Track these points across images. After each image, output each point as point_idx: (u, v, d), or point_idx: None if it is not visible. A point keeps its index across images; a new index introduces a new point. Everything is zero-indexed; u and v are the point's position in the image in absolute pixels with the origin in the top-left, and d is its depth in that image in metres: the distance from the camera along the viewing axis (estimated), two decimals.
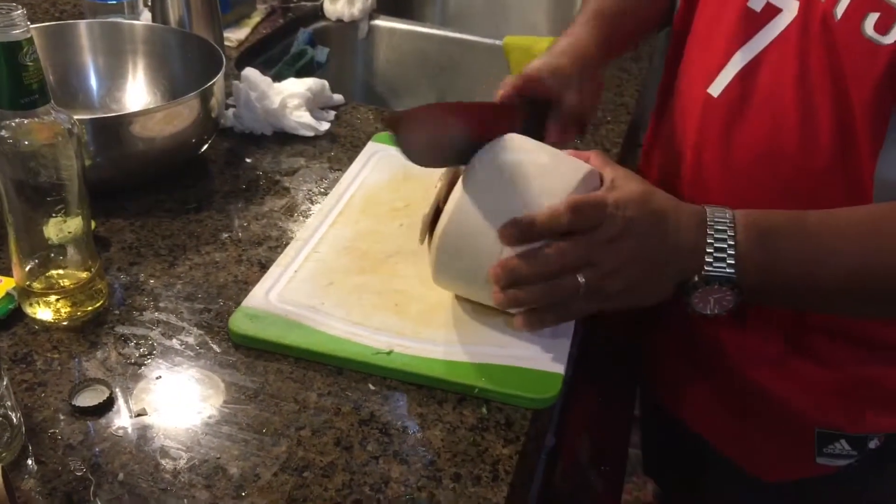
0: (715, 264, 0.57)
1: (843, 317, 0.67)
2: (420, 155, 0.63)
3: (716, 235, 0.58)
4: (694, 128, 0.71)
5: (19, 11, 0.55)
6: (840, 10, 0.58)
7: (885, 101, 0.57)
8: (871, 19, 0.57)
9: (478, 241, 0.61)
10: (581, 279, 0.58)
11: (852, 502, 0.78)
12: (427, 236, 0.65)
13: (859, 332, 0.69)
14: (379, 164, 0.88)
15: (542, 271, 0.59)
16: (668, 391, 0.85)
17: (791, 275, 0.58)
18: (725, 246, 0.57)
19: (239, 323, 0.64)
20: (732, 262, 0.57)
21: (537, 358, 0.63)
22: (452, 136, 0.64)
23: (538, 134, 0.73)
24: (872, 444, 0.72)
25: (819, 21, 0.60)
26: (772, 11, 0.65)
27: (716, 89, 0.68)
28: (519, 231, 0.59)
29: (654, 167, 0.83)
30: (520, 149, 0.63)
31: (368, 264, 0.72)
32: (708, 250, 0.58)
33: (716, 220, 0.58)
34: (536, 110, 0.74)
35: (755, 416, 0.76)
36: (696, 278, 0.58)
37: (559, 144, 0.74)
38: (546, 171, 0.62)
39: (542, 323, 0.62)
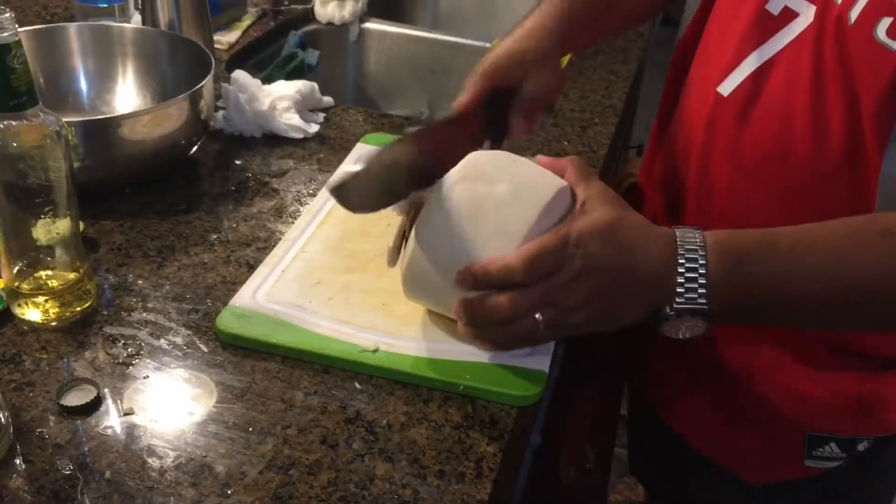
0: (686, 295, 0.56)
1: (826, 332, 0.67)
2: (371, 203, 0.63)
3: (687, 265, 0.56)
4: (702, 126, 0.71)
5: (7, 14, 0.56)
6: (854, 14, 0.59)
7: (892, 104, 0.58)
8: (884, 24, 0.57)
9: (441, 278, 0.60)
10: (539, 317, 0.57)
11: (838, 502, 0.79)
12: (401, 257, 0.65)
13: (849, 345, 0.69)
14: None
15: (495, 318, 0.58)
16: (658, 396, 0.85)
17: (764, 297, 0.57)
18: (696, 276, 0.56)
19: (226, 322, 0.65)
20: (704, 291, 0.56)
21: (522, 356, 0.63)
22: (408, 175, 0.63)
23: (503, 126, 0.72)
24: (861, 447, 0.73)
25: (834, 24, 0.60)
26: (789, 15, 0.65)
27: (726, 88, 0.68)
28: (473, 280, 0.58)
29: (659, 166, 0.83)
30: (479, 177, 0.61)
31: (356, 264, 0.73)
32: (679, 280, 0.56)
33: (686, 246, 0.56)
34: (498, 101, 0.72)
35: (744, 420, 0.76)
36: (668, 310, 0.57)
37: (525, 135, 0.74)
38: (504, 206, 0.60)
39: (505, 349, 0.62)
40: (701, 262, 0.56)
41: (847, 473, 0.74)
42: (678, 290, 0.56)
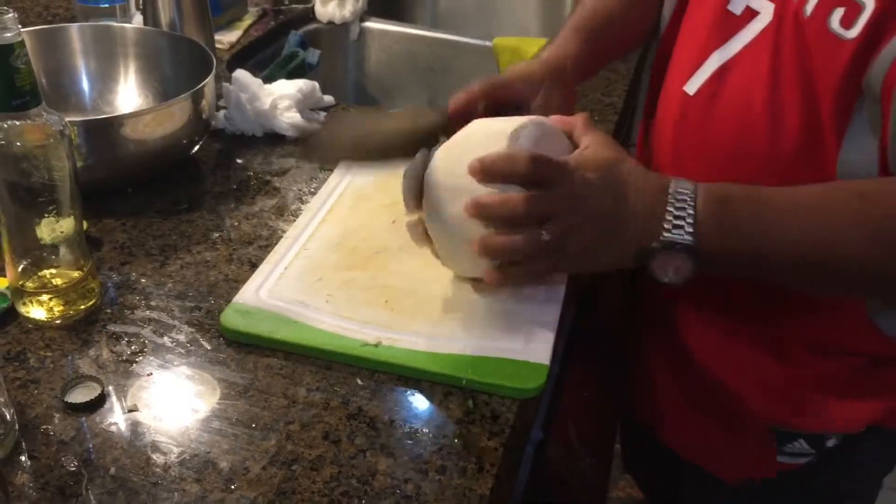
0: (674, 231, 0.59)
1: (801, 290, 0.68)
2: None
3: (676, 205, 0.59)
4: (671, 125, 0.73)
5: (10, 15, 0.56)
6: (810, 7, 0.61)
7: (849, 92, 0.59)
8: (837, 14, 0.59)
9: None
10: (545, 235, 0.60)
11: (818, 499, 0.80)
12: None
13: (825, 343, 0.71)
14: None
15: (508, 213, 0.61)
16: (634, 394, 0.86)
17: (747, 240, 0.59)
18: (685, 214, 0.59)
19: (230, 319, 0.65)
20: (691, 228, 0.58)
21: (523, 350, 0.64)
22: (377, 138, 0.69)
23: None
24: (830, 443, 0.74)
25: (792, 19, 0.62)
26: (750, 14, 0.67)
27: (692, 87, 0.71)
28: (482, 174, 0.61)
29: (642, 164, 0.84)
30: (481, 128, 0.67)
31: (358, 260, 0.73)
32: (667, 217, 0.59)
33: (678, 189, 0.60)
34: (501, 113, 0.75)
35: (714, 415, 0.77)
36: (655, 244, 0.59)
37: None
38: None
39: (510, 278, 0.64)
40: (690, 201, 0.59)
41: (821, 471, 0.76)
42: (665, 224, 0.59)
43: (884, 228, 0.57)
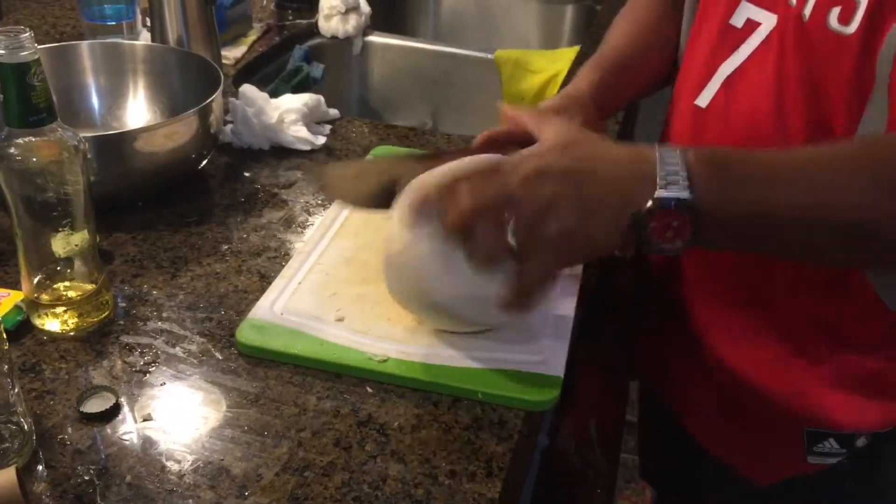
0: (669, 188, 0.53)
1: (801, 261, 0.66)
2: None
3: (667, 164, 0.54)
4: (688, 140, 0.74)
5: (27, 34, 0.58)
6: (808, 10, 0.62)
7: (859, 88, 0.60)
8: (835, 13, 0.60)
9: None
10: (511, 240, 0.55)
11: (847, 500, 0.80)
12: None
13: (852, 338, 0.71)
14: None
15: (459, 200, 0.56)
16: (669, 394, 0.87)
17: (745, 201, 0.55)
18: (677, 169, 0.54)
19: (245, 334, 0.66)
20: (687, 182, 0.53)
21: (537, 361, 0.65)
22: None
23: None
24: (860, 443, 0.74)
25: (794, 25, 0.64)
26: (751, 26, 0.68)
27: (703, 101, 0.71)
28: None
29: None
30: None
31: (370, 275, 0.74)
32: (659, 175, 0.54)
33: (664, 152, 0.55)
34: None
35: (748, 416, 0.78)
36: (651, 203, 0.54)
37: None
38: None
39: (527, 299, 0.58)
40: (680, 158, 0.54)
41: (852, 472, 0.76)
42: (659, 182, 0.54)
43: (881, 170, 0.54)
